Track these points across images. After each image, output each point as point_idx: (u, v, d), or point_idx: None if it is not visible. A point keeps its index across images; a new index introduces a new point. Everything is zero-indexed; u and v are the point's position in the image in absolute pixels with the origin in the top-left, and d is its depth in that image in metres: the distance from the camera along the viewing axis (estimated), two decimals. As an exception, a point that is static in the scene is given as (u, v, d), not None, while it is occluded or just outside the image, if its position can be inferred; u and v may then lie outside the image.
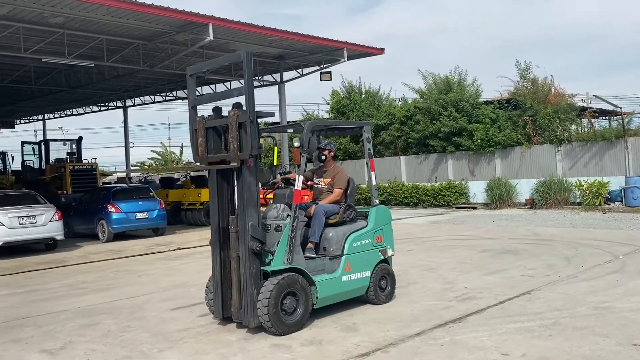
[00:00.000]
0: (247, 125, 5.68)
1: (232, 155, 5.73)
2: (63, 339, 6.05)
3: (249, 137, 5.67)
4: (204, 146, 6.04)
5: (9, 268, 11.59)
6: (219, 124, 6.01)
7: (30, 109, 31.00)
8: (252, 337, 5.76)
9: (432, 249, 11.32)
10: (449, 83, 23.68)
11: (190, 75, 6.41)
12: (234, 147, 5.70)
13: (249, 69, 5.74)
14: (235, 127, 5.70)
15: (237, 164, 5.76)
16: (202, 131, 6.03)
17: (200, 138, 6.03)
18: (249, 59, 5.75)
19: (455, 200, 22.39)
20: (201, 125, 6.03)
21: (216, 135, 6.08)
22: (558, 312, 6.17)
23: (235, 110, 5.74)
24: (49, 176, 20.85)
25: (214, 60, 6.31)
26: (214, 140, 6.09)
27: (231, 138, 5.73)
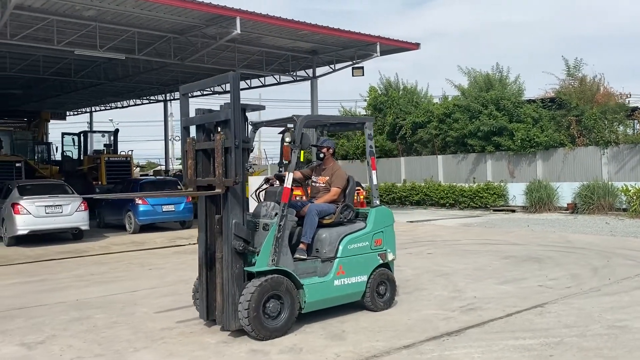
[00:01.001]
0: (232, 151, 5.45)
1: (217, 181, 5.52)
2: (47, 333, 5.97)
3: (233, 163, 5.44)
4: (193, 169, 5.83)
5: (31, 256, 11.79)
6: (208, 146, 5.77)
7: (78, 101, 31.89)
8: (232, 341, 5.51)
9: (452, 254, 10.79)
10: (490, 80, 22.79)
11: (184, 95, 6.17)
12: (219, 172, 5.49)
13: (236, 92, 5.51)
14: (221, 152, 5.49)
15: (221, 190, 5.53)
16: (192, 153, 5.84)
17: (189, 160, 5.84)
18: (235, 82, 5.51)
19: (493, 202, 21.57)
20: (191, 147, 5.83)
21: (206, 157, 5.85)
22: (567, 330, 5.63)
23: (221, 134, 5.50)
24: (86, 167, 21.36)
25: (204, 81, 6.05)
26: (204, 163, 5.88)
27: (217, 163, 5.52)
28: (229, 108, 5.50)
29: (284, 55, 19.23)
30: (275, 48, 18.46)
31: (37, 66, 19.70)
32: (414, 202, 24.26)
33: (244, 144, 5.58)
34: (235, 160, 5.46)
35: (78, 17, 14.49)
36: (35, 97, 27.71)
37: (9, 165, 17.22)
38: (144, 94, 28.78)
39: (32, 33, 14.90)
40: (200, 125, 5.96)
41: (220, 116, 5.65)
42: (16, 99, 28.46)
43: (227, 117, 5.49)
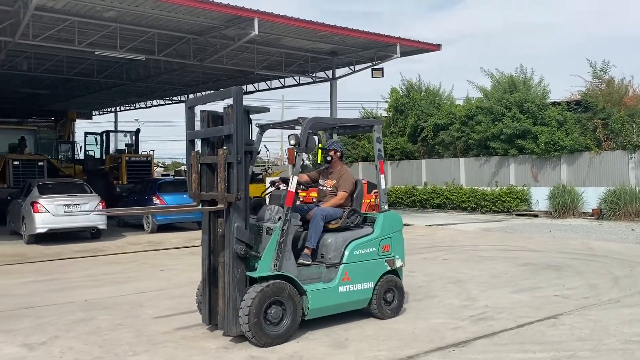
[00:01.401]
0: (234, 166, 5.37)
1: (220, 197, 5.45)
2: (50, 334, 5.96)
3: (236, 178, 5.37)
4: (197, 183, 5.77)
5: (48, 254, 11.92)
6: (211, 160, 5.70)
7: (104, 101, 32.35)
8: (233, 347, 5.42)
9: (469, 259, 10.55)
10: (514, 82, 22.35)
11: (189, 108, 6.10)
12: (221, 188, 5.41)
13: (239, 107, 5.39)
14: (224, 167, 5.40)
15: (224, 206, 5.45)
16: (196, 167, 5.77)
17: (194, 174, 5.77)
18: (238, 97, 5.40)
19: (515, 206, 21.14)
20: (195, 160, 5.77)
21: (210, 171, 5.77)
22: (580, 343, 5.40)
23: (224, 149, 5.43)
24: (108, 166, 21.60)
25: (207, 95, 5.96)
26: (208, 176, 5.80)
27: (219, 178, 5.44)
28: (231, 123, 5.42)
29: (303, 57, 19.16)
30: (294, 49, 18.40)
31: (61, 66, 20.01)
32: (434, 206, 23.94)
33: (246, 147, 5.48)
34: (237, 176, 5.38)
35: (99, 18, 14.64)
36: (61, 97, 28.19)
37: (32, 164, 17.49)
38: (166, 95, 29.05)
39: (55, 34, 15.12)
40: (205, 138, 5.89)
41: (223, 131, 5.57)
42: (43, 99, 29.02)
43: (230, 132, 5.41)
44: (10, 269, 10.24)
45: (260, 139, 6.57)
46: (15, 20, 13.58)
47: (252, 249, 5.66)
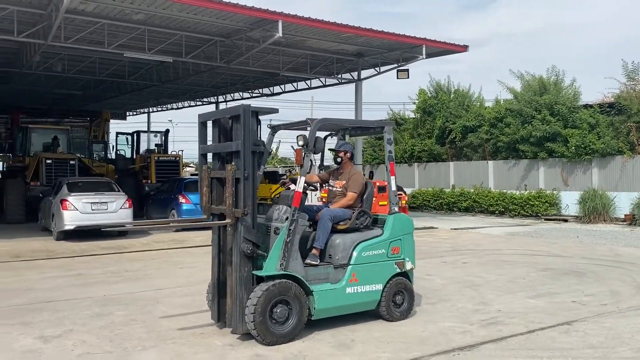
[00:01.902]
0: (241, 182, 5.45)
1: (228, 211, 5.55)
2: (66, 327, 6.14)
3: (242, 194, 5.45)
4: (208, 196, 5.89)
5: (75, 250, 12.25)
6: (221, 175, 5.79)
7: (137, 102, 33.01)
8: (239, 345, 5.49)
9: (489, 264, 10.40)
10: (544, 84, 21.92)
11: (202, 123, 6.20)
12: (229, 203, 5.52)
13: (247, 124, 5.47)
14: (232, 183, 5.51)
15: (231, 220, 5.55)
16: (207, 181, 5.89)
17: (205, 188, 5.89)
18: (245, 114, 5.47)
19: (544, 211, 20.73)
20: (206, 174, 5.89)
21: (220, 185, 5.87)
22: (591, 351, 5.28)
23: (232, 165, 5.52)
24: (138, 166, 22.06)
25: (218, 111, 6.10)
26: (218, 190, 5.91)
27: (227, 193, 5.54)
28: (239, 140, 5.49)
29: (329, 58, 19.19)
30: (320, 51, 18.45)
31: (93, 68, 20.52)
32: (462, 209, 23.65)
33: (254, 147, 5.54)
34: (244, 192, 5.46)
35: (128, 20, 14.96)
36: (96, 97, 28.87)
37: (63, 163, 17.98)
38: (197, 96, 29.46)
39: (86, 36, 15.52)
40: (215, 152, 5.99)
41: (231, 147, 5.65)
42: (78, 100, 29.79)
43: (238, 149, 5.50)
44: (38, 264, 10.57)
45: (272, 140, 6.64)
46: (48, 23, 14.00)
47: (260, 248, 5.72)
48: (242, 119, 5.46)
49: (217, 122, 5.97)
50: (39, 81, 23.09)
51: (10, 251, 11.96)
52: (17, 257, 11.33)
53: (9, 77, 22.13)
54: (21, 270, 9.85)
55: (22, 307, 7.10)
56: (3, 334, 5.89)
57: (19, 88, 24.40)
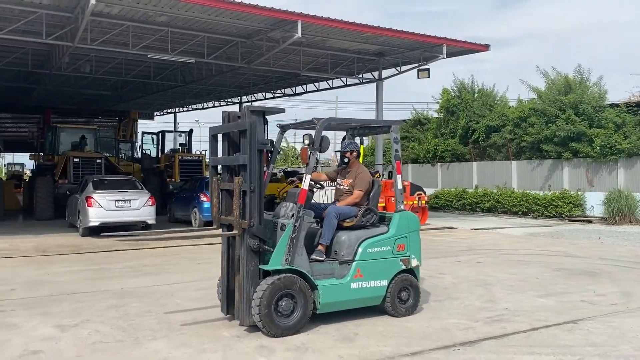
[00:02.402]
0: (248, 195, 5.64)
1: (235, 222, 5.75)
2: (83, 317, 6.42)
3: (249, 206, 5.63)
4: (217, 207, 6.10)
5: (99, 246, 12.63)
6: (229, 187, 5.98)
7: (164, 102, 33.66)
8: (245, 336, 5.67)
9: (503, 263, 10.38)
10: (569, 83, 21.61)
11: (213, 136, 6.39)
12: (236, 214, 5.71)
13: (253, 138, 5.64)
14: (239, 195, 5.70)
15: (238, 232, 5.75)
16: (217, 192, 6.09)
17: (214, 198, 6.11)
18: (252, 129, 5.63)
19: (568, 211, 20.44)
20: (216, 186, 6.10)
21: (229, 196, 6.04)
22: (591, 348, 5.30)
23: (240, 178, 5.70)
24: (162, 165, 22.53)
25: (227, 125, 6.14)
26: (227, 201, 6.09)
27: (234, 205, 5.73)
28: (245, 154, 5.66)
29: (349, 58, 19.30)
30: (340, 50, 18.57)
31: (120, 69, 21.06)
32: (485, 209, 23.46)
33: (261, 146, 5.71)
34: (250, 204, 5.63)
35: (151, 22, 15.34)
36: (124, 98, 29.55)
37: (90, 161, 18.48)
38: (221, 96, 29.89)
39: (112, 38, 15.94)
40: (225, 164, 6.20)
41: (239, 160, 5.83)
42: (107, 100, 30.53)
43: (245, 163, 5.67)
44: (62, 258, 10.96)
45: (281, 139, 6.81)
46: (75, 26, 14.45)
47: (267, 244, 5.90)
48: (248, 133, 5.63)
49: (226, 135, 6.15)
50: (69, 82, 23.77)
51: (37, 246, 12.41)
52: (44, 251, 11.75)
53: (40, 78, 22.84)
54: (46, 264, 10.24)
55: (44, 298, 7.42)
56: (24, 322, 6.20)
57: (49, 89, 25.15)
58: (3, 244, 12.68)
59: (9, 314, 6.56)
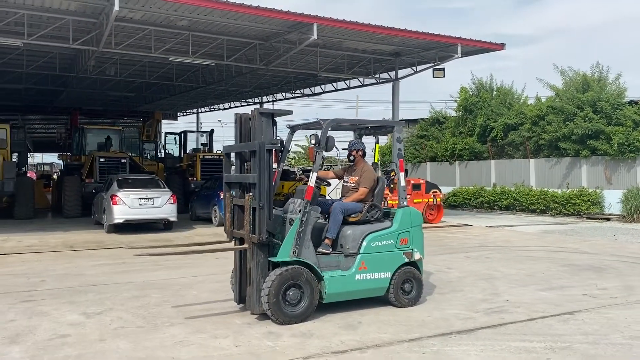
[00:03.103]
0: (257, 211, 6.02)
1: (246, 237, 6.16)
2: (107, 306, 6.90)
3: (258, 221, 6.01)
4: (230, 221, 6.54)
5: (123, 242, 13.19)
6: (241, 203, 6.37)
7: (187, 103, 34.39)
8: (256, 324, 6.07)
9: (512, 259, 10.61)
10: (587, 81, 21.57)
11: (227, 154, 6.82)
12: (247, 229, 6.10)
13: (262, 159, 5.99)
14: (249, 211, 6.09)
15: (248, 245, 6.16)
16: (230, 207, 6.53)
17: (227, 213, 6.56)
18: (261, 150, 5.99)
19: (586, 209, 20.44)
20: (229, 201, 6.53)
21: (241, 212, 6.43)
22: (582, 337, 5.57)
23: (250, 195, 6.10)
24: (185, 164, 23.14)
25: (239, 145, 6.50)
26: (239, 216, 6.48)
27: (245, 220, 6.13)
28: (255, 172, 6.04)
29: (366, 58, 19.61)
30: (357, 51, 18.89)
31: (143, 71, 21.72)
32: (503, 207, 23.53)
33: (270, 145, 6.10)
34: (259, 220, 6.00)
35: (173, 26, 15.87)
36: (148, 99, 30.34)
37: (115, 161, 19.14)
38: (242, 97, 30.44)
39: (135, 42, 16.54)
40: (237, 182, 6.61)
41: (249, 179, 6.22)
42: (131, 101, 31.38)
43: (254, 181, 6.06)
44: (89, 254, 11.53)
45: (291, 139, 7.18)
46: (100, 31, 15.05)
47: (276, 237, 6.29)
48: (258, 153, 6.00)
49: (238, 154, 6.55)
50: (95, 84, 24.57)
51: (65, 242, 13.04)
52: (71, 247, 12.35)
53: (67, 81, 23.67)
54: (74, 259, 10.81)
55: (72, 289, 7.93)
56: (53, 310, 6.70)
57: (77, 91, 26.02)
58: (34, 240, 13.35)
59: (39, 303, 7.08)
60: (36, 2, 13.70)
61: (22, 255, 11.21)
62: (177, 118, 41.20)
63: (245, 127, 6.53)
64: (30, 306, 6.91)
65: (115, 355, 5.08)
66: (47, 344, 5.41)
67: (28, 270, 9.48)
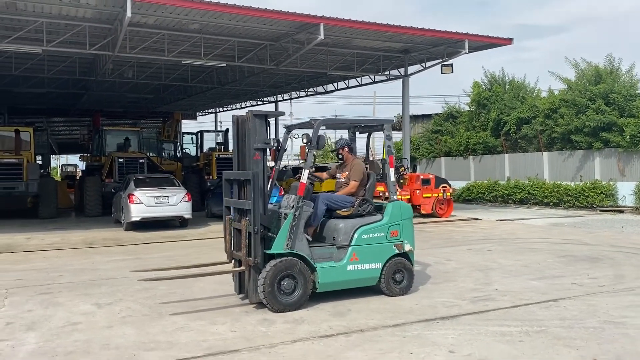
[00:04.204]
0: (252, 236, 6.41)
1: (243, 259, 6.57)
2: (117, 297, 7.40)
3: (253, 245, 6.41)
4: (229, 243, 6.98)
5: (139, 239, 13.76)
6: (239, 227, 6.77)
7: (205, 103, 35.09)
8: (252, 312, 6.49)
9: (512, 251, 10.85)
10: (599, 73, 21.53)
11: (227, 180, 7.19)
12: (244, 252, 6.51)
13: (256, 187, 6.37)
14: (245, 235, 6.49)
15: (244, 267, 6.58)
16: (229, 230, 6.96)
17: (227, 235, 6.99)
18: (255, 179, 6.37)
19: (600, 202, 20.46)
20: (228, 224, 6.97)
21: (239, 235, 6.82)
22: (559, 322, 5.87)
23: (246, 220, 6.49)
24: (201, 163, 23.73)
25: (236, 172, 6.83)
26: (237, 238, 6.90)
27: (242, 244, 6.54)
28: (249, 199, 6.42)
29: (375, 56, 19.90)
30: (366, 49, 19.21)
31: (159, 74, 22.36)
32: (516, 201, 23.61)
33: (263, 145, 6.51)
34: (254, 244, 6.40)
35: (185, 30, 16.41)
36: (166, 100, 31.07)
37: (133, 161, 19.77)
38: (257, 96, 30.98)
39: (150, 45, 17.13)
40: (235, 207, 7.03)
41: (245, 205, 6.63)
42: (150, 102, 32.14)
43: (249, 208, 6.45)
44: (106, 250, 12.10)
45: (287, 138, 7.58)
46: (115, 36, 15.65)
47: (271, 231, 6.70)
48: (252, 182, 6.40)
49: (236, 180, 6.96)
50: (113, 87, 25.32)
51: (85, 239, 13.65)
52: (90, 244, 12.95)
53: (87, 84, 24.46)
54: (91, 255, 11.39)
55: (87, 282, 8.46)
56: (68, 301, 7.22)
57: (96, 94, 26.82)
58: (56, 238, 14.00)
59: (56, 295, 7.61)
60: (54, 10, 14.34)
61: (43, 252, 11.82)
62: (197, 118, 41.95)
63: (242, 128, 6.93)
64: (47, 298, 7.44)
65: (121, 339, 5.54)
66: (60, 330, 5.91)
67: (48, 266, 10.06)
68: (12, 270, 9.62)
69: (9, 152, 18.95)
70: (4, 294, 7.69)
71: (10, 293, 7.76)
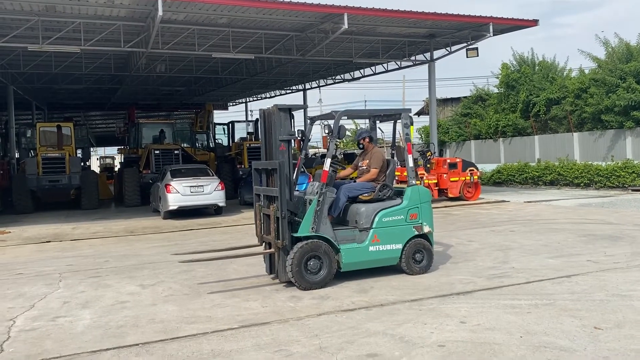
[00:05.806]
0: (280, 220, 6.91)
1: (272, 242, 7.08)
2: (159, 279, 8.07)
3: (281, 229, 6.91)
4: (259, 227, 7.50)
5: (177, 226, 14.52)
6: (268, 212, 7.27)
7: (235, 93, 35.86)
8: (283, 290, 7.05)
9: (534, 232, 11.13)
10: (630, 51, 21.25)
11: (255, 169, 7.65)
12: (273, 235, 7.02)
13: (282, 176, 6.86)
14: (274, 220, 6.99)
15: (274, 250, 7.08)
16: (259, 215, 7.48)
17: (257, 221, 7.51)
18: (281, 169, 6.87)
19: (631, 181, 20.30)
20: (258, 210, 7.49)
21: (268, 220, 7.32)
22: (568, 295, 6.23)
23: (274, 206, 6.98)
24: (233, 152, 24.43)
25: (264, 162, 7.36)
26: (266, 223, 7.40)
27: (271, 228, 7.06)
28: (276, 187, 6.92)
29: (400, 42, 20.13)
30: (391, 36, 19.46)
31: (191, 67, 23.08)
32: (547, 182, 23.56)
33: (288, 136, 7.02)
34: (282, 228, 6.91)
35: (214, 25, 17.00)
36: (198, 91, 31.91)
37: (169, 152, 20.58)
38: (286, 85, 31.51)
39: (181, 40, 17.79)
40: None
41: (272, 192, 7.11)
42: (183, 95, 33.05)
43: (276, 195, 6.96)
44: (146, 237, 12.87)
45: (311, 129, 8.08)
46: (147, 34, 16.34)
47: (298, 216, 7.23)
48: (278, 171, 6.91)
49: (264, 169, 7.47)
50: (147, 81, 26.22)
51: (126, 228, 14.49)
52: (131, 232, 13.76)
53: (122, 79, 25.41)
54: (133, 242, 12.16)
55: (131, 267, 9.18)
56: (115, 283, 7.92)
57: (131, 88, 27.78)
58: (99, 227, 14.88)
59: (104, 278, 8.33)
60: (90, 10, 15.10)
61: (89, 240, 12.67)
62: (228, 108, 42.80)
63: (269, 121, 7.45)
64: (97, 280, 8.16)
65: (165, 315, 6.17)
66: (110, 308, 6.58)
67: (94, 253, 10.85)
68: (63, 257, 10.43)
69: (52, 147, 19.98)
70: (58, 278, 8.45)
71: (63, 277, 8.52)
